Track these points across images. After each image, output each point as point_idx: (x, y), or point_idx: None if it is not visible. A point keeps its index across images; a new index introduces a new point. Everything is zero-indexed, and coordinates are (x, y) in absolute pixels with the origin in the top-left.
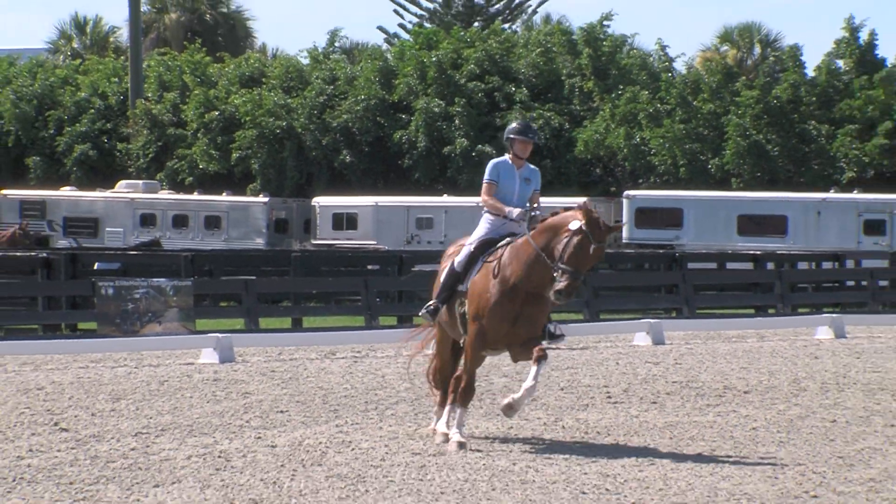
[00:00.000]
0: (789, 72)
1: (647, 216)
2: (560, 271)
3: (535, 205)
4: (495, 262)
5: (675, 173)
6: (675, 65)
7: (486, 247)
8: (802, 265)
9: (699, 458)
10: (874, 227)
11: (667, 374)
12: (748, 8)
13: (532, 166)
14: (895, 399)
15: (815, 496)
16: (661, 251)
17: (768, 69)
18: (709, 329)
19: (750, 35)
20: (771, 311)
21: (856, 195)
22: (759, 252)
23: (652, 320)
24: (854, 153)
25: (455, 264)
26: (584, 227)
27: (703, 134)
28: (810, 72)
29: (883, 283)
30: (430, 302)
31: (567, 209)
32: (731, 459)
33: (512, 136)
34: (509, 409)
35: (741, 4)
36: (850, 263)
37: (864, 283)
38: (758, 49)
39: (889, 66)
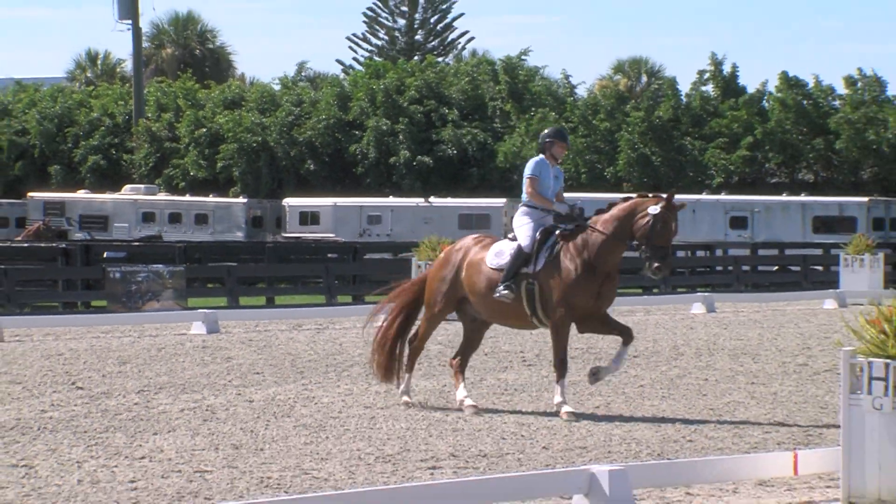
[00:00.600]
0: (668, 98)
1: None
2: (651, 251)
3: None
4: (571, 249)
5: (577, 179)
6: (577, 90)
7: (547, 235)
8: (681, 254)
9: (597, 410)
10: (738, 223)
11: (571, 342)
12: (637, 44)
13: (559, 167)
14: (755, 361)
15: (690, 440)
16: None
17: (652, 95)
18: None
19: (638, 67)
20: (655, 290)
21: (723, 196)
22: None
23: None
24: (722, 162)
25: (524, 248)
26: (665, 211)
27: (600, 147)
28: (686, 97)
29: (746, 267)
30: (502, 285)
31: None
32: (623, 411)
33: (551, 139)
34: (594, 377)
35: (631, 41)
36: (719, 252)
37: (730, 268)
38: (644, 78)
39: (750, 92)
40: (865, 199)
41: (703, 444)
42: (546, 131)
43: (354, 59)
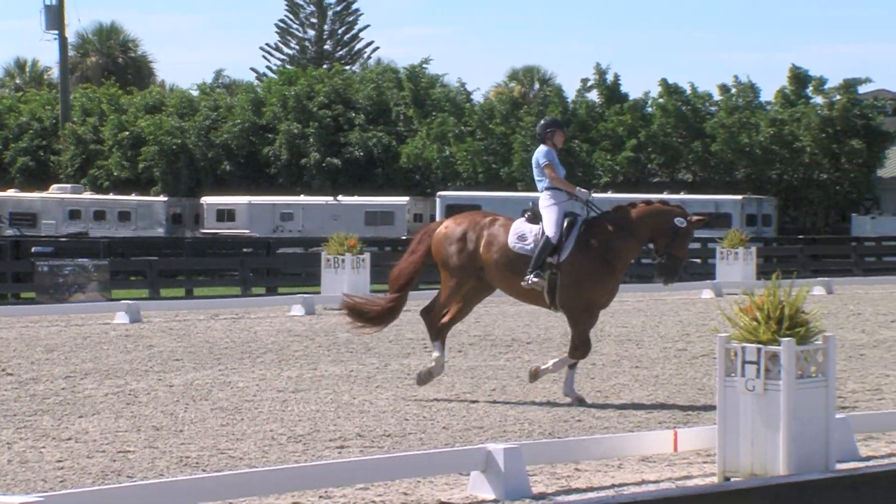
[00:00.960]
0: (554, 104)
1: (454, 211)
2: (668, 259)
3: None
4: (594, 244)
5: (475, 178)
6: (473, 97)
7: (570, 226)
8: None
9: (493, 393)
10: None
11: (469, 329)
12: (530, 53)
13: None
14: (639, 347)
15: (579, 420)
16: None
17: (543, 100)
18: (500, 297)
19: (531, 75)
20: None
21: (609, 195)
22: None
23: None
24: (608, 164)
25: (552, 238)
26: (690, 226)
27: (496, 149)
28: (572, 104)
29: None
30: (532, 274)
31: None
32: (517, 394)
33: (552, 129)
34: (534, 377)
35: (525, 50)
36: None
37: None
38: (537, 85)
39: (632, 99)
40: (739, 197)
41: (591, 423)
42: (544, 122)
43: (268, 67)
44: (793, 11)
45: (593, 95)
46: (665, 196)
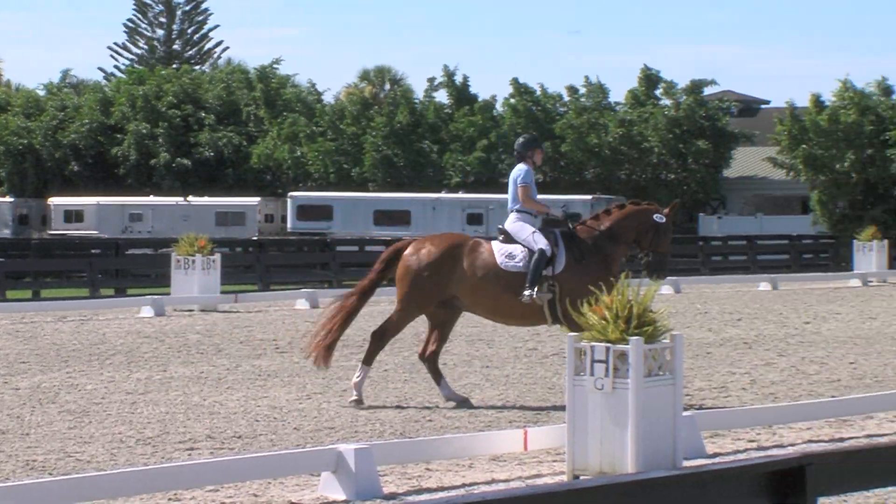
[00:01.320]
0: (403, 106)
1: (305, 211)
2: (655, 257)
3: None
4: (587, 252)
5: (326, 179)
6: (325, 97)
7: (555, 240)
8: None
9: (345, 394)
10: (475, 219)
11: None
12: (382, 54)
13: None
14: (490, 347)
15: (430, 420)
16: (316, 237)
17: (392, 101)
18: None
19: (382, 75)
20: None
21: (461, 195)
22: (390, 238)
23: (310, 290)
24: (459, 164)
25: (546, 251)
26: (669, 220)
27: (347, 150)
28: (421, 104)
29: None
30: (529, 291)
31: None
32: (368, 394)
33: (531, 148)
34: None
35: (377, 51)
36: None
37: None
38: (388, 86)
39: (482, 100)
40: (589, 197)
41: (442, 423)
42: (524, 141)
43: (116, 66)
44: (645, 14)
45: (443, 96)
46: (503, 196)
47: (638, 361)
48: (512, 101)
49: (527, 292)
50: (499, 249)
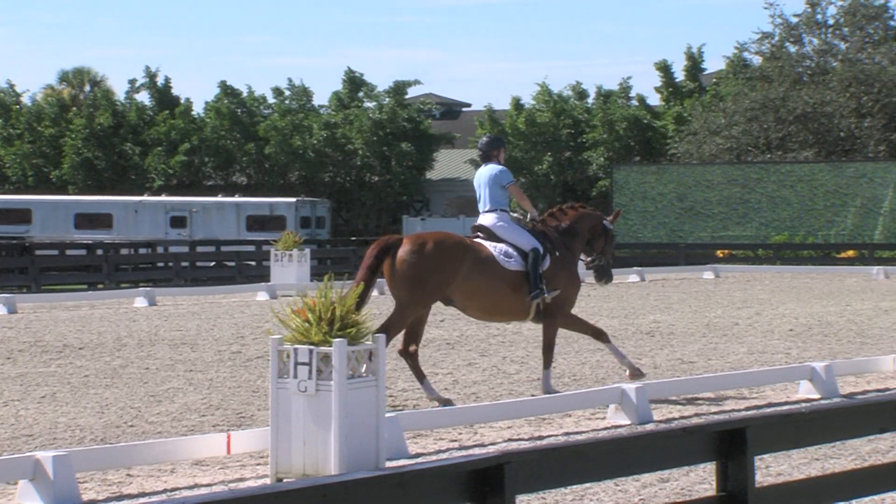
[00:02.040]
0: (104, 108)
1: (3, 215)
2: (605, 261)
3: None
4: (564, 250)
5: (25, 182)
6: (24, 98)
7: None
8: (125, 251)
9: (43, 400)
10: (178, 222)
11: (19, 336)
12: (82, 55)
13: None
14: (194, 350)
15: (132, 426)
16: (14, 241)
17: (92, 103)
18: (52, 301)
19: (82, 77)
20: (100, 285)
21: (164, 198)
22: (91, 241)
23: (8, 295)
24: (162, 167)
25: (539, 250)
26: (612, 227)
27: (46, 152)
28: (122, 107)
29: (185, 263)
30: (536, 291)
31: None
32: (69, 401)
33: (499, 147)
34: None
35: (76, 52)
36: (161, 249)
37: (171, 263)
38: (89, 87)
39: (183, 103)
40: (293, 199)
41: (145, 428)
42: (489, 140)
43: None
44: (348, 17)
45: (146, 98)
46: (221, 199)
47: (341, 363)
48: (216, 103)
49: (535, 292)
50: (497, 249)
